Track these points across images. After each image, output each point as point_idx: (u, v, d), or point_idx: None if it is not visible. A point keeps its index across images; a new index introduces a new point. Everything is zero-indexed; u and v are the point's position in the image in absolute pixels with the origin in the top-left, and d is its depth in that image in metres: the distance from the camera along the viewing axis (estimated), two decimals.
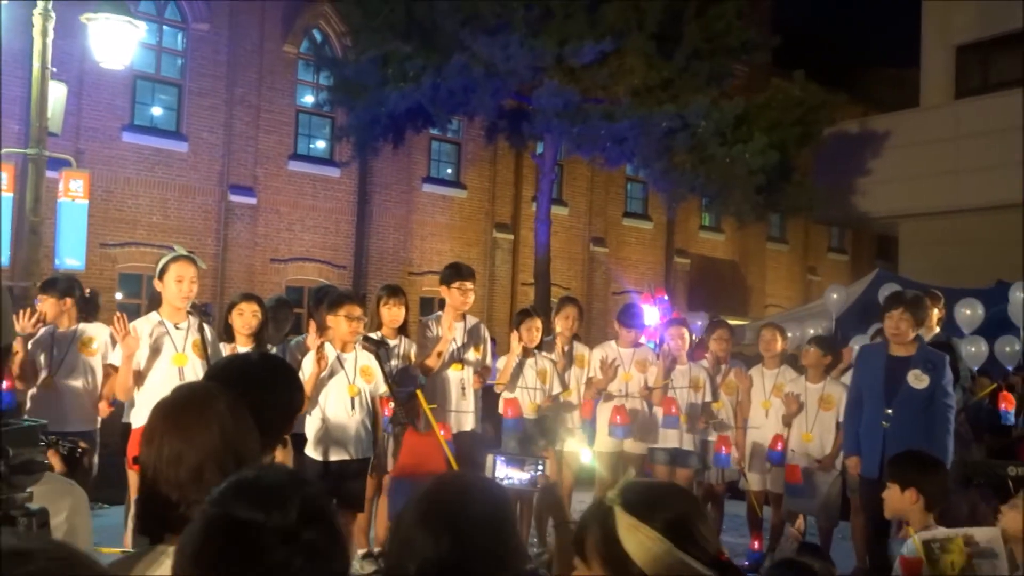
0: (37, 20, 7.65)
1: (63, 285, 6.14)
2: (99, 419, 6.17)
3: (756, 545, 7.37)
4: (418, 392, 5.65)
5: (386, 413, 5.58)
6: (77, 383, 5.97)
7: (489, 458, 2.92)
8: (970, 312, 10.72)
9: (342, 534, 1.34)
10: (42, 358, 5.92)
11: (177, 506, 1.71)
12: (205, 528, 1.27)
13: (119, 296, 14.79)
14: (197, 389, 2.07)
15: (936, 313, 7.02)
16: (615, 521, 1.69)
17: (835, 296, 12.79)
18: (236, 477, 1.33)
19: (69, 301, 6.06)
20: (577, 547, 1.76)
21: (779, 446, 6.94)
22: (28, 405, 5.86)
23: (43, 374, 5.93)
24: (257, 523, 1.24)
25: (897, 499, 3.76)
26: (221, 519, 1.27)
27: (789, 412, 7.00)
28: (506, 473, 2.88)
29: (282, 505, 1.26)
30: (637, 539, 1.66)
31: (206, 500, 1.31)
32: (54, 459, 2.08)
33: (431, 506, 1.65)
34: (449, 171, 19.33)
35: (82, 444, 2.21)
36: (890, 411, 5.71)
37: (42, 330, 5.87)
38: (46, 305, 5.96)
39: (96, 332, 6.09)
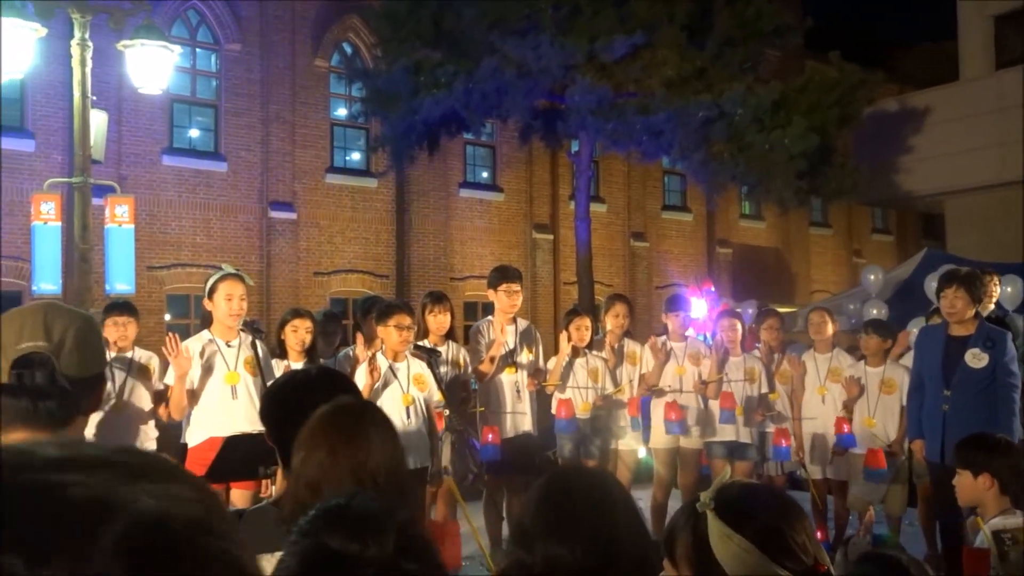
0: (75, 50, 7.73)
1: (131, 308, 6.21)
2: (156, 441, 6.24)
3: (820, 536, 7.24)
4: (447, 480, 5.57)
5: (442, 425, 5.57)
6: (140, 406, 6.02)
7: None
8: (1012, 289, 10.45)
9: (442, 566, 1.29)
10: (110, 383, 5.98)
11: None
12: (300, 561, 1.22)
13: (168, 317, 14.98)
14: (357, 405, 2.16)
15: (994, 290, 6.87)
16: (707, 527, 1.63)
17: (872, 277, 12.56)
18: (326, 505, 1.28)
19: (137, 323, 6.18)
20: (667, 549, 1.71)
21: (845, 428, 6.76)
22: (92, 430, 5.91)
23: (112, 399, 5.98)
24: (353, 555, 1.19)
25: (970, 486, 3.56)
26: (316, 551, 1.21)
27: (850, 397, 6.87)
28: None
29: (379, 535, 1.20)
30: (729, 548, 1.59)
31: (295, 530, 1.26)
32: None
33: (555, 508, 1.57)
34: (485, 175, 19.35)
35: None
36: (949, 393, 5.58)
37: (112, 354, 5.93)
38: (132, 328, 6.05)
39: (149, 356, 6.16)
